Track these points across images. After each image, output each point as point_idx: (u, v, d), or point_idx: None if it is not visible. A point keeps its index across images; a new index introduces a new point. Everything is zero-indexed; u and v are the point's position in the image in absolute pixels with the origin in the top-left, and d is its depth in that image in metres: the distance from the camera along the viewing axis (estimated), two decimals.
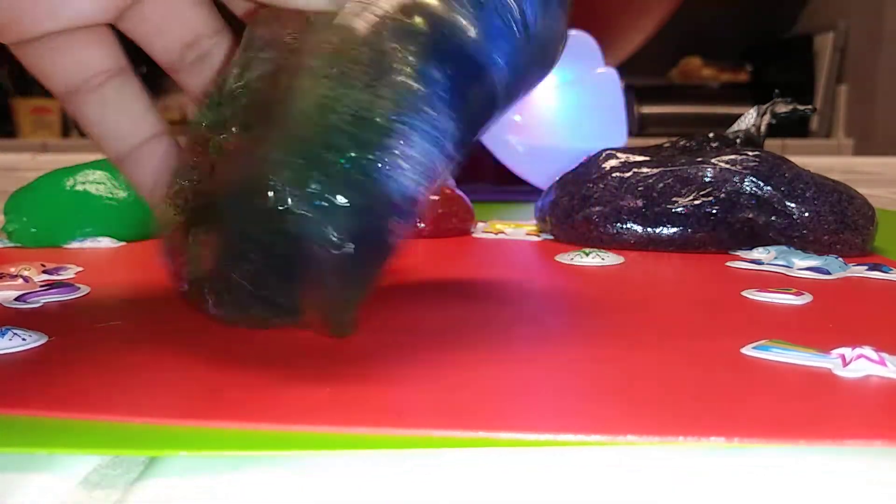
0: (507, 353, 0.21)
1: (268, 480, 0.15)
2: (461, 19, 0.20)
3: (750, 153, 0.39)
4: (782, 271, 0.33)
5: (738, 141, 0.45)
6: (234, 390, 0.19)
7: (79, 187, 0.40)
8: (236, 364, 0.20)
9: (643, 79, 1.91)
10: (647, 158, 0.41)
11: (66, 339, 0.23)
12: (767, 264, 0.35)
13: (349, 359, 0.21)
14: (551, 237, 0.43)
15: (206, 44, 0.25)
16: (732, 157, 0.39)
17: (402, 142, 0.20)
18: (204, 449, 0.16)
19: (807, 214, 0.37)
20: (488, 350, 0.22)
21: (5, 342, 0.21)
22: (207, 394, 0.18)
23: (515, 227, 0.46)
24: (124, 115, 0.25)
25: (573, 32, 0.65)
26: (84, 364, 0.21)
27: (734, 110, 0.76)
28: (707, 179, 0.38)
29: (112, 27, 0.24)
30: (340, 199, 0.19)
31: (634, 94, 1.94)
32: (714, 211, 0.38)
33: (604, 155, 0.42)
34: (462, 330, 0.23)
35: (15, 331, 0.22)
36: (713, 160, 0.39)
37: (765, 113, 0.45)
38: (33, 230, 0.40)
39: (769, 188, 0.37)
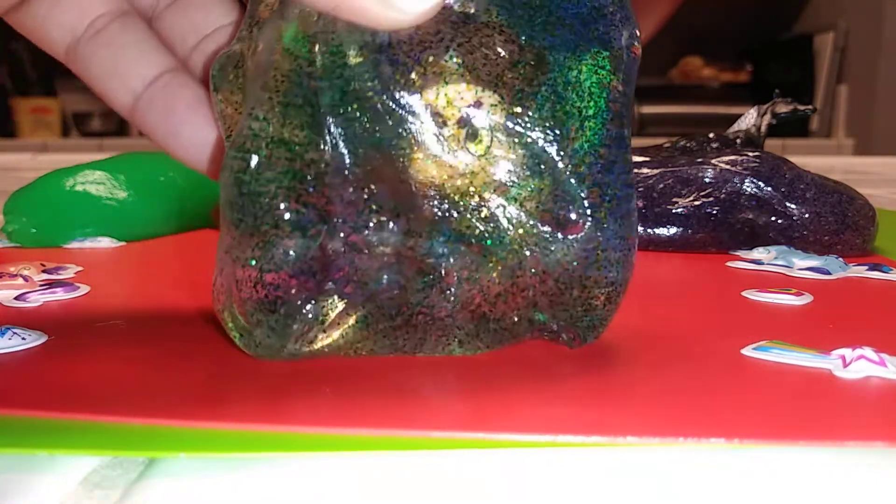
0: (507, 355, 0.21)
1: (268, 481, 0.15)
2: None
3: (750, 154, 0.39)
4: (782, 271, 0.33)
5: (738, 141, 0.45)
6: (234, 391, 0.19)
7: (78, 187, 0.40)
8: (236, 365, 0.20)
9: (643, 79, 1.90)
10: (648, 159, 0.41)
11: (66, 339, 0.22)
12: (767, 264, 0.34)
13: (349, 360, 0.21)
14: None
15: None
16: (733, 157, 0.39)
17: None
18: (204, 450, 0.16)
19: (807, 215, 0.37)
20: (486, 353, 0.22)
21: (5, 341, 0.21)
22: (207, 394, 0.18)
23: None
24: (130, 54, 0.22)
25: None
26: (84, 364, 0.21)
27: (734, 110, 0.76)
28: (707, 180, 0.38)
29: None
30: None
31: (635, 93, 1.94)
32: (714, 211, 0.38)
33: None
34: None
35: (14, 330, 0.22)
36: (713, 161, 0.39)
37: (765, 113, 0.45)
38: (33, 230, 0.39)
39: (769, 189, 0.37)
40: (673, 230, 0.38)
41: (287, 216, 0.19)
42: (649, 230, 0.38)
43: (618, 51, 0.20)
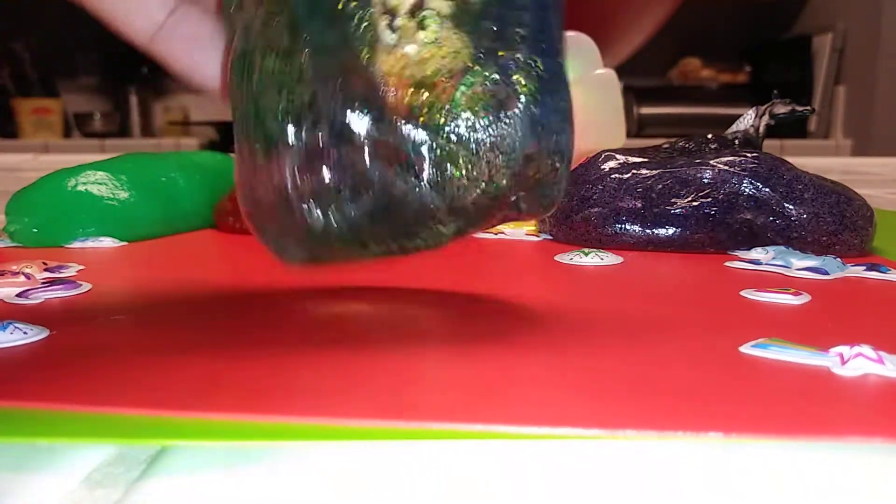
0: (507, 350, 0.21)
1: (268, 480, 0.15)
2: None
3: (748, 155, 0.39)
4: (781, 271, 0.33)
5: (736, 142, 0.45)
6: (237, 382, 0.19)
7: (80, 188, 0.41)
8: (238, 356, 0.20)
9: (642, 79, 1.91)
10: (646, 160, 0.41)
11: (68, 333, 0.23)
12: (766, 264, 0.35)
13: (354, 352, 0.21)
14: (550, 237, 0.43)
15: None
16: (731, 158, 0.39)
17: None
18: (202, 438, 0.16)
19: (805, 216, 0.37)
20: (488, 347, 0.22)
21: (6, 336, 0.21)
22: (210, 386, 0.18)
23: (515, 227, 0.46)
24: None
25: (572, 33, 0.64)
26: (85, 357, 0.21)
27: (733, 111, 0.76)
28: (706, 181, 0.38)
29: None
30: None
31: (634, 94, 1.94)
32: (713, 212, 0.38)
33: (603, 156, 0.42)
34: (462, 327, 0.23)
35: (16, 324, 0.22)
36: (712, 161, 0.39)
37: (763, 114, 0.46)
38: (35, 230, 0.40)
39: (768, 189, 0.37)
40: (672, 230, 0.38)
41: (283, 120, 0.21)
42: (648, 230, 0.39)
43: None
